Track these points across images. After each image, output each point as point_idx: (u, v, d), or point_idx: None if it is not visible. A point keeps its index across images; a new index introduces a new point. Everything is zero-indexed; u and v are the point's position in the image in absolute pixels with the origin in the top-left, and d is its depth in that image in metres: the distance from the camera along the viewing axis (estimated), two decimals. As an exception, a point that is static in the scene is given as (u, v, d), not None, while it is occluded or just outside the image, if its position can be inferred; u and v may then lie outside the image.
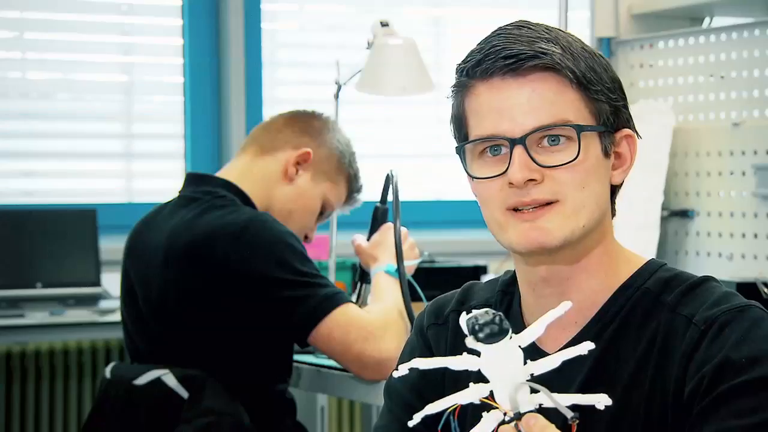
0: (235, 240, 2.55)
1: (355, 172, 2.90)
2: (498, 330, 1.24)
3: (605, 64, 1.56)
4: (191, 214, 2.65)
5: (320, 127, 2.87)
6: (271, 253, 2.56)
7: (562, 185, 1.50)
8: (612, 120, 1.55)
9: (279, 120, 2.87)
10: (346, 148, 2.89)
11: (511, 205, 1.51)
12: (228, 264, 2.55)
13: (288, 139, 2.82)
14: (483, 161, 1.54)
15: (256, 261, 2.55)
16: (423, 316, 1.72)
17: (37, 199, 4.50)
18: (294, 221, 2.78)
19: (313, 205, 2.83)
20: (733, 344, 1.45)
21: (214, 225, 2.59)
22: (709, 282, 1.55)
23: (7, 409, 4.30)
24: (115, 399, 2.61)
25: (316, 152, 2.82)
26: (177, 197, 2.77)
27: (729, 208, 3.59)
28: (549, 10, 3.67)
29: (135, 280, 2.72)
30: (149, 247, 2.69)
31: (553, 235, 1.50)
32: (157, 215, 2.76)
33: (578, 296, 1.55)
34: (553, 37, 1.53)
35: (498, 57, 1.51)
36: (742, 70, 3.59)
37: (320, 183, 2.83)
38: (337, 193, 2.88)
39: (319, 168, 2.83)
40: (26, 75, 4.57)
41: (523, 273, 1.60)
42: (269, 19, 4.77)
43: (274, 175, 2.79)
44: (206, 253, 2.56)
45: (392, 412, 1.68)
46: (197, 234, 2.59)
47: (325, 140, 2.85)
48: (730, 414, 1.41)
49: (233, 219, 2.60)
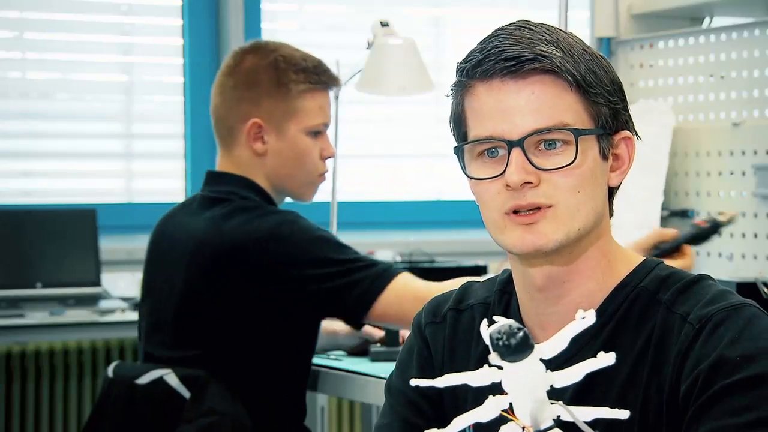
0: (266, 246, 2.55)
1: (296, 69, 2.69)
2: (524, 347, 1.22)
3: (606, 66, 1.56)
4: (217, 216, 2.62)
5: (236, 83, 2.70)
6: (306, 254, 2.55)
7: (557, 189, 1.50)
8: (611, 122, 1.55)
9: (214, 112, 2.76)
10: (270, 70, 2.69)
11: (509, 209, 1.51)
12: (263, 269, 2.54)
13: (231, 122, 2.71)
14: (481, 162, 1.54)
15: (294, 265, 2.55)
16: (421, 315, 1.73)
17: (36, 199, 4.50)
18: (300, 175, 2.73)
19: (301, 149, 2.71)
20: (728, 342, 1.45)
21: (242, 231, 2.57)
22: (705, 280, 1.55)
23: (7, 409, 4.30)
24: (117, 398, 2.61)
25: (258, 110, 2.68)
26: (199, 196, 2.73)
27: (729, 208, 3.58)
28: (549, 11, 3.66)
29: (155, 279, 2.71)
30: (171, 247, 2.68)
31: (548, 238, 1.50)
32: (180, 215, 2.73)
33: (575, 297, 1.56)
34: (554, 39, 1.53)
35: (498, 59, 1.51)
36: (742, 70, 3.59)
37: (288, 129, 2.69)
38: (307, 110, 2.70)
39: (273, 117, 2.69)
40: (26, 75, 4.57)
41: (519, 277, 1.60)
42: (269, 19, 4.77)
43: (253, 157, 2.71)
44: (238, 259, 2.55)
45: (394, 410, 1.69)
46: (226, 240, 2.57)
47: (254, 93, 2.69)
48: (725, 412, 1.41)
49: (260, 224, 2.58)
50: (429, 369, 1.68)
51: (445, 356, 1.67)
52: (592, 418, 1.24)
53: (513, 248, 1.53)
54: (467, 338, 1.66)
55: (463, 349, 1.66)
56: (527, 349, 1.22)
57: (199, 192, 2.77)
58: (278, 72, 2.69)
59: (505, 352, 1.21)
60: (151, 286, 2.73)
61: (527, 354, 1.22)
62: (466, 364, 1.64)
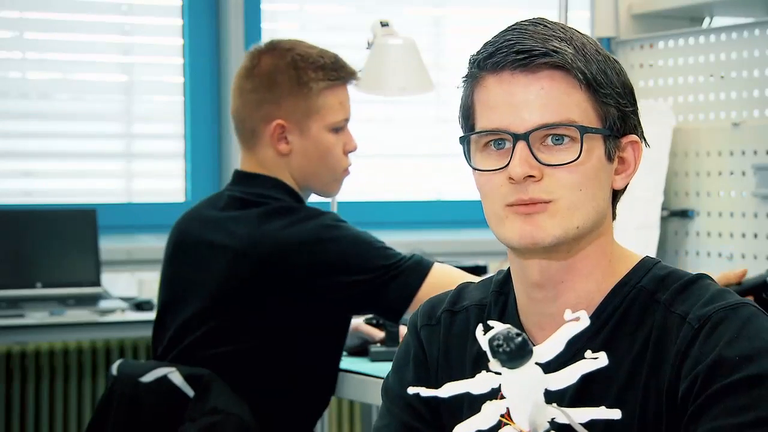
0: (312, 249, 2.56)
1: (308, 64, 2.69)
2: (524, 353, 1.22)
3: (618, 70, 1.56)
4: (254, 218, 2.62)
5: (255, 86, 2.71)
6: (353, 258, 2.57)
7: (559, 185, 1.50)
8: (618, 125, 1.55)
9: (235, 115, 2.76)
10: (289, 70, 2.69)
11: (511, 203, 1.51)
12: (309, 273, 2.56)
13: (252, 124, 2.71)
14: (487, 153, 1.54)
15: (342, 269, 2.56)
16: (417, 316, 1.73)
17: (36, 199, 4.50)
18: (325, 172, 2.73)
19: (325, 147, 2.71)
20: (727, 342, 1.45)
21: (286, 234, 2.58)
22: (703, 280, 1.55)
23: (7, 409, 4.31)
24: (121, 396, 2.60)
25: (279, 111, 2.69)
26: (227, 196, 2.71)
27: (729, 208, 3.59)
28: (549, 10, 3.67)
29: (180, 276, 2.70)
30: (201, 246, 2.66)
31: (546, 232, 1.51)
32: (208, 214, 2.71)
33: (573, 297, 1.56)
34: (567, 37, 1.53)
35: (510, 51, 1.51)
36: (742, 70, 3.58)
37: (310, 127, 2.70)
38: (328, 107, 2.71)
39: (295, 117, 2.69)
40: (26, 75, 4.57)
41: (517, 273, 1.60)
42: (269, 19, 4.77)
43: (276, 159, 2.72)
44: (282, 263, 2.55)
45: (392, 413, 1.69)
46: (269, 244, 2.57)
47: (274, 94, 2.69)
48: (724, 412, 1.41)
49: (302, 227, 2.59)
50: (424, 371, 1.68)
51: (440, 358, 1.67)
52: (587, 419, 1.24)
53: (511, 240, 1.52)
54: (462, 340, 1.66)
55: (458, 352, 1.66)
56: (527, 355, 1.21)
57: (225, 191, 2.75)
58: (297, 71, 2.68)
59: (506, 359, 1.21)
60: (174, 284, 2.72)
61: (527, 359, 1.21)
62: (461, 367, 1.64)
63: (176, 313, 2.68)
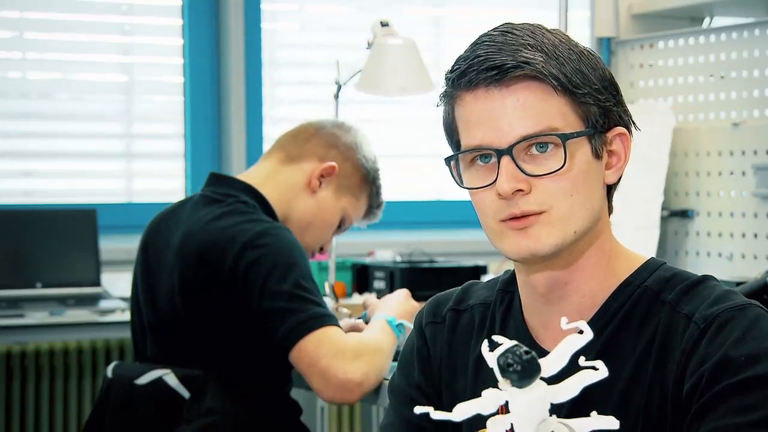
0: (245, 248, 2.54)
1: (377, 188, 2.90)
2: (533, 371, 1.21)
3: (594, 64, 1.55)
4: (210, 215, 2.63)
5: (349, 140, 2.84)
6: (275, 266, 2.53)
7: (549, 195, 1.50)
8: (602, 121, 1.54)
9: (308, 129, 2.84)
10: (372, 165, 2.87)
11: (504, 218, 1.51)
12: (235, 271, 2.53)
13: (315, 149, 2.79)
14: (475, 169, 1.54)
15: (260, 271, 2.53)
16: (422, 314, 1.73)
17: (36, 199, 4.50)
18: (311, 233, 2.77)
19: (333, 218, 2.81)
20: (733, 342, 1.45)
21: (229, 231, 2.58)
22: (709, 281, 1.55)
23: (7, 409, 4.31)
24: (116, 398, 2.60)
25: (342, 166, 2.79)
26: (198, 195, 2.74)
27: (729, 208, 3.59)
28: (549, 10, 3.67)
29: (147, 276, 2.71)
30: (164, 244, 2.68)
31: (543, 242, 1.51)
32: (176, 213, 2.73)
33: (578, 297, 1.57)
34: (537, 43, 1.52)
35: (480, 69, 1.51)
36: (742, 70, 3.59)
37: (342, 197, 2.81)
38: (358, 208, 2.86)
39: (343, 182, 2.81)
40: (26, 75, 4.57)
41: (522, 281, 1.61)
42: (269, 19, 4.77)
43: (297, 185, 2.76)
44: (217, 258, 2.55)
45: (397, 410, 1.70)
46: (211, 238, 2.57)
47: (351, 155, 2.82)
48: (728, 411, 1.41)
49: (249, 227, 2.58)
50: (429, 369, 1.69)
51: (444, 357, 1.68)
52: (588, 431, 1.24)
53: (510, 254, 1.53)
54: (466, 339, 1.67)
55: (462, 350, 1.67)
56: (536, 373, 1.21)
57: (198, 192, 2.77)
58: (368, 178, 2.87)
59: (516, 379, 1.21)
60: (147, 284, 2.72)
61: (536, 377, 1.21)
62: (464, 365, 1.65)
63: (148, 314, 2.69)
